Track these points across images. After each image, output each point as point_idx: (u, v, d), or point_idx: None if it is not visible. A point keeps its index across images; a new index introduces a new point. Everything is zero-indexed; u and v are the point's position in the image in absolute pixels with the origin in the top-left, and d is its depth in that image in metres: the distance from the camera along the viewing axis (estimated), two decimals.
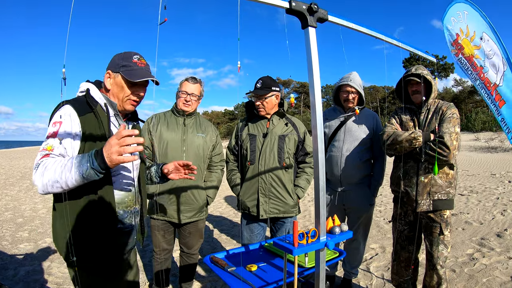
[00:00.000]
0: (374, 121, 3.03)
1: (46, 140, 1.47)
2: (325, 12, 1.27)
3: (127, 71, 1.61)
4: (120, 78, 1.63)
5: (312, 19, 1.22)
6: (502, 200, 6.96)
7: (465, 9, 2.81)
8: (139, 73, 1.63)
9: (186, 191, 2.71)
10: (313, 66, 1.18)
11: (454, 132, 2.41)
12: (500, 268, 3.57)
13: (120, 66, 1.62)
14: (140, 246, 1.96)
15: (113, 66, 1.65)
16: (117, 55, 1.69)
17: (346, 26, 1.41)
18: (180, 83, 2.81)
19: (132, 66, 1.63)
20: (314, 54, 1.20)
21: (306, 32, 1.21)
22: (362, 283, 3.40)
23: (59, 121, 1.48)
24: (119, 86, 1.64)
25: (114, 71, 1.64)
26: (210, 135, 2.87)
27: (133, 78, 1.61)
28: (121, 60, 1.64)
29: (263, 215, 2.70)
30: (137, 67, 1.64)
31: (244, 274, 1.43)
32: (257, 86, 2.70)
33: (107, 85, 1.66)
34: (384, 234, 4.94)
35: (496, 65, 2.65)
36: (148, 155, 2.75)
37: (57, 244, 1.58)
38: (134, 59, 1.65)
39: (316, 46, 1.21)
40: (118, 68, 1.62)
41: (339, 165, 2.96)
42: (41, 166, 1.38)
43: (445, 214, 2.52)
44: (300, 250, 1.14)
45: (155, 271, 2.92)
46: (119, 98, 1.66)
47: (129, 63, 1.63)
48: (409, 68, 2.70)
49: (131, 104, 1.70)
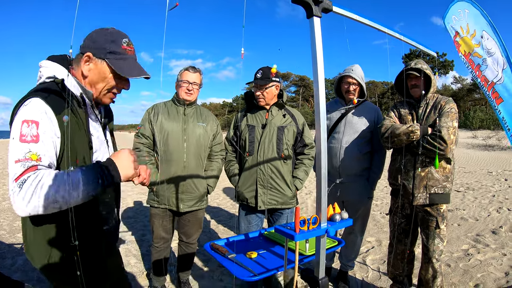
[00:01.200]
0: (375, 115, 3.05)
1: (21, 146, 1.13)
2: (329, 2, 1.28)
3: (116, 60, 1.34)
4: (106, 66, 1.34)
5: (317, 9, 1.22)
6: (498, 197, 7.02)
7: (466, 7, 2.82)
8: (131, 64, 1.38)
9: (187, 180, 2.73)
10: (317, 56, 1.19)
11: (452, 126, 2.44)
12: (495, 264, 3.62)
13: (107, 51, 1.33)
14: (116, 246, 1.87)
15: (96, 48, 1.33)
16: (101, 32, 1.37)
17: (350, 17, 1.41)
18: (180, 73, 2.80)
19: (122, 54, 1.36)
20: (318, 44, 1.21)
21: (311, 22, 1.22)
22: (358, 276, 3.44)
23: (35, 121, 1.17)
24: (102, 75, 1.36)
25: (98, 56, 1.33)
26: (211, 124, 2.88)
27: (127, 73, 1.36)
28: (108, 43, 1.33)
29: (261, 206, 2.72)
30: (127, 55, 1.38)
31: (245, 261, 1.45)
32: (257, 76, 2.70)
33: (85, 71, 1.35)
34: (380, 228, 4.98)
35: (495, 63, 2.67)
36: (149, 145, 2.76)
37: (35, 256, 1.35)
38: (123, 44, 1.37)
39: (321, 36, 1.23)
40: (103, 53, 1.33)
41: (338, 157, 2.98)
42: (31, 183, 1.08)
43: (441, 208, 2.55)
44: (301, 236, 1.17)
45: (153, 260, 2.94)
46: (98, 88, 1.39)
47: (118, 50, 1.35)
48: (408, 63, 2.71)
49: (110, 98, 1.46)
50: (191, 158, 2.74)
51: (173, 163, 2.70)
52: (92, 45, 1.34)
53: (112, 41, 1.34)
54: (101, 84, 1.37)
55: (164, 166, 2.71)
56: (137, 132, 2.80)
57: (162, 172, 2.70)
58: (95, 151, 1.41)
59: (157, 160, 2.74)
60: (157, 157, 2.75)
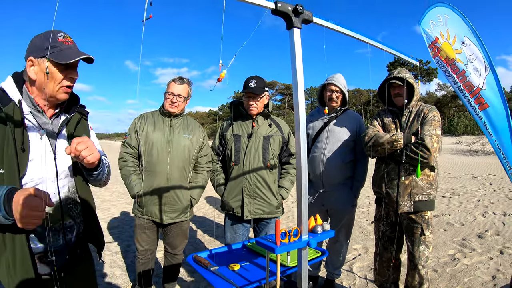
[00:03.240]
0: (357, 123, 3.07)
1: None
2: (310, 13, 1.28)
3: (55, 53, 1.34)
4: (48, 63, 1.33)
5: (297, 20, 1.23)
6: (483, 202, 7.13)
7: (446, 13, 2.85)
8: (70, 52, 1.37)
9: (169, 191, 2.69)
10: (297, 67, 1.19)
11: (435, 134, 2.46)
12: (482, 268, 3.66)
13: (45, 48, 1.32)
14: (99, 260, 1.78)
15: (35, 50, 1.35)
16: (37, 36, 1.39)
17: (331, 28, 1.42)
18: (168, 83, 2.78)
19: (59, 46, 1.36)
20: (298, 55, 1.21)
21: (291, 33, 1.22)
22: (345, 283, 3.43)
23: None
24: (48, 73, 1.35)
25: (38, 57, 1.35)
26: (197, 136, 2.85)
27: (66, 59, 1.34)
28: (45, 41, 1.33)
29: (248, 216, 2.70)
30: (65, 46, 1.38)
31: (227, 273, 1.43)
32: (251, 85, 2.66)
33: (32, 75, 1.36)
34: (366, 235, 5.00)
35: (478, 69, 2.70)
36: (134, 155, 2.73)
37: None
38: (59, 37, 1.38)
39: (301, 47, 1.23)
40: (42, 51, 1.33)
41: (321, 166, 2.99)
42: None
43: (426, 215, 2.57)
44: (282, 248, 1.15)
45: (137, 272, 2.89)
46: (50, 88, 1.38)
47: (55, 44, 1.35)
48: (391, 72, 2.74)
49: (65, 92, 1.44)
50: (174, 170, 2.70)
51: (156, 174, 2.66)
52: (31, 49, 1.37)
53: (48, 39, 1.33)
54: (51, 82, 1.37)
55: (148, 177, 2.68)
56: (124, 141, 2.77)
57: (146, 183, 2.67)
58: (31, 159, 1.33)
59: (142, 171, 2.71)
60: (141, 168, 2.72)
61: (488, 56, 2.65)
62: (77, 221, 1.54)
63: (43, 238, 1.38)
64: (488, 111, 2.66)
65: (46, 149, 1.40)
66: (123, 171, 2.72)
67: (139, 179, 2.69)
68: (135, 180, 2.68)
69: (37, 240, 1.38)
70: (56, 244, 1.43)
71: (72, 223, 1.51)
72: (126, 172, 2.71)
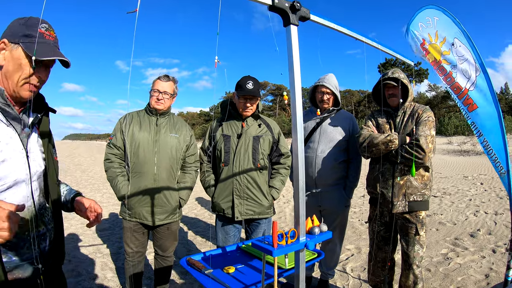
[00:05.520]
0: (350, 123, 3.06)
1: None
2: (307, 11, 1.26)
3: (31, 43, 1.17)
4: (20, 51, 1.19)
5: (294, 17, 1.20)
6: (474, 201, 7.20)
7: (436, 15, 2.85)
8: (47, 48, 1.22)
9: (157, 193, 2.64)
10: (294, 64, 1.17)
11: (430, 135, 2.46)
12: (474, 267, 3.67)
13: (22, 35, 1.19)
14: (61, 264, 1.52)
15: (11, 34, 1.21)
16: (19, 19, 1.25)
17: (328, 26, 1.40)
18: (153, 81, 2.74)
19: (39, 37, 1.20)
20: (295, 52, 1.18)
21: (288, 30, 1.19)
22: (338, 284, 3.42)
23: None
24: (16, 63, 1.20)
25: (12, 41, 1.20)
26: (184, 135, 2.80)
27: (40, 54, 1.17)
28: (24, 27, 1.21)
29: (238, 217, 2.68)
30: (44, 39, 1.23)
31: (222, 277, 1.40)
32: (249, 87, 2.61)
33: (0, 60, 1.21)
34: (359, 235, 5.00)
35: (468, 70, 2.70)
36: (120, 155, 2.68)
37: None
38: (42, 28, 1.23)
39: (298, 44, 1.20)
40: (18, 37, 1.19)
41: (313, 166, 2.97)
42: None
43: (420, 215, 2.57)
44: (280, 251, 1.12)
45: (127, 275, 2.83)
46: (13, 80, 1.21)
47: (34, 33, 1.19)
48: (385, 72, 2.73)
49: (29, 90, 1.25)
50: (162, 170, 2.65)
51: (144, 175, 2.61)
52: (8, 31, 1.22)
53: (29, 26, 1.21)
54: (16, 74, 1.21)
55: (135, 179, 2.62)
56: (109, 142, 2.71)
57: (133, 184, 2.61)
58: (3, 160, 1.17)
59: (128, 172, 2.66)
60: (128, 169, 2.66)
61: (479, 57, 2.65)
62: (48, 227, 1.37)
63: (18, 249, 1.22)
64: (477, 112, 2.66)
65: (18, 148, 1.24)
66: (109, 172, 2.66)
67: (126, 181, 2.63)
68: (121, 182, 2.61)
69: (11, 253, 1.20)
70: (30, 255, 1.26)
71: (45, 230, 1.34)
72: (112, 174, 2.65)
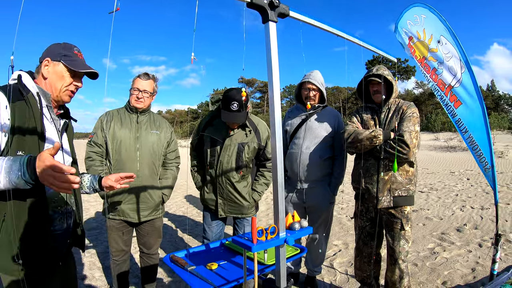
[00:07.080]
0: (336, 120, 3.07)
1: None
2: (286, 7, 1.26)
3: (70, 60, 1.59)
4: (62, 66, 1.59)
5: (273, 14, 1.20)
6: (461, 196, 7.31)
7: (423, 13, 2.89)
8: (81, 63, 1.63)
9: (140, 189, 2.64)
10: (272, 61, 1.17)
11: (414, 130, 2.49)
12: (461, 261, 3.74)
13: (62, 55, 1.59)
14: (82, 252, 1.90)
15: (52, 54, 1.60)
16: (56, 44, 1.65)
17: (308, 22, 1.40)
18: (133, 79, 2.72)
19: (74, 57, 1.62)
20: (273, 49, 1.18)
21: (266, 27, 1.19)
22: (326, 279, 3.45)
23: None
24: (59, 75, 1.59)
25: (54, 60, 1.59)
26: (165, 132, 2.81)
27: (77, 67, 1.60)
28: (62, 49, 1.61)
29: (222, 214, 2.78)
30: (78, 58, 1.64)
31: (205, 273, 1.40)
32: (233, 108, 2.50)
33: (45, 73, 1.58)
34: (346, 231, 5.04)
35: (453, 67, 2.74)
36: (101, 153, 2.67)
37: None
38: (75, 50, 1.64)
39: (276, 41, 1.20)
40: (59, 56, 1.58)
41: (298, 162, 2.98)
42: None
43: (405, 210, 2.59)
44: (259, 246, 1.13)
45: (113, 274, 2.83)
46: (57, 88, 1.60)
47: (71, 54, 1.61)
48: (370, 69, 2.75)
49: (69, 95, 1.66)
50: (144, 167, 2.65)
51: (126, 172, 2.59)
52: (49, 53, 1.60)
53: (65, 48, 1.61)
54: (59, 82, 1.59)
55: None
56: (90, 140, 2.69)
57: None
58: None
59: (110, 170, 2.64)
60: (110, 166, 2.65)
61: (464, 54, 2.69)
62: (73, 208, 1.70)
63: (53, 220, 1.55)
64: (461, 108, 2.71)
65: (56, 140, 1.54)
66: (90, 171, 2.64)
67: None
68: None
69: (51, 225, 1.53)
70: (61, 227, 1.60)
71: (71, 209, 1.68)
72: (94, 172, 2.62)
